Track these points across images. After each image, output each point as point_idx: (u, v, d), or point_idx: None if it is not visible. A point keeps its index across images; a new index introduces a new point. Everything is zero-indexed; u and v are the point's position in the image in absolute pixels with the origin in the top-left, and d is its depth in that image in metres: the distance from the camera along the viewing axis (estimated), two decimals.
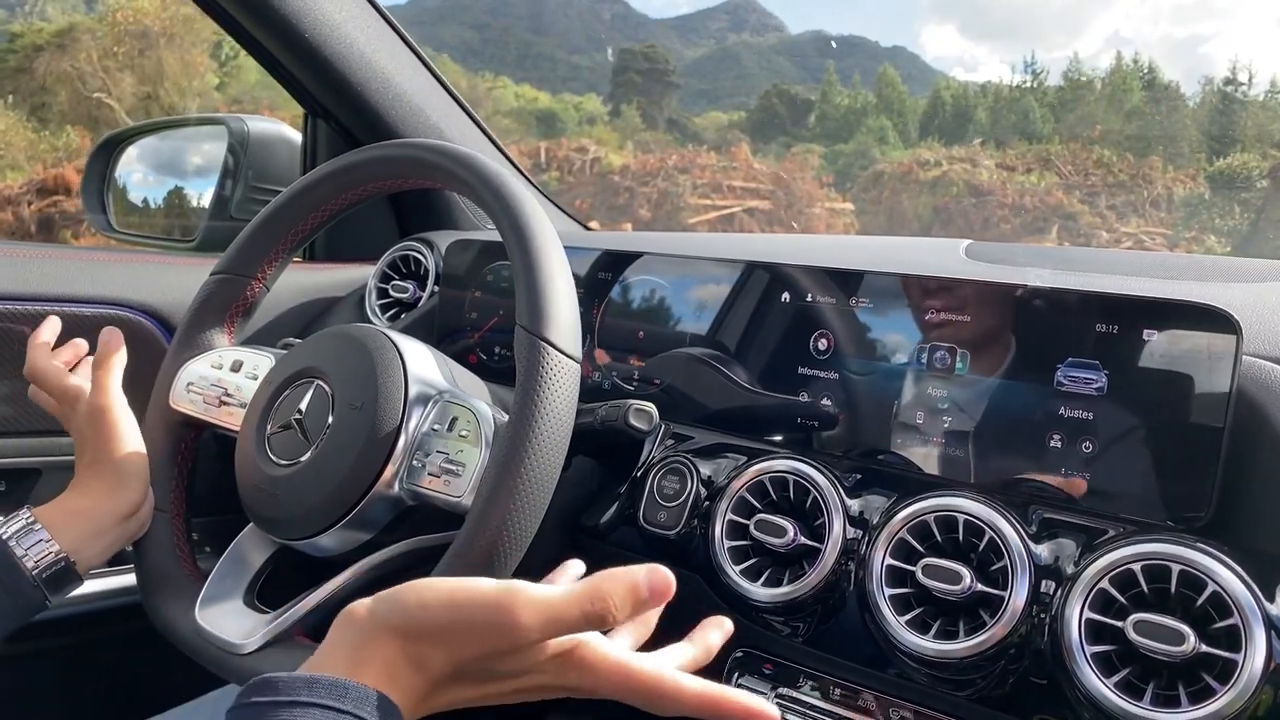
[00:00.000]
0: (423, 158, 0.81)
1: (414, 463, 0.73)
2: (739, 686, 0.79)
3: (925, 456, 0.77)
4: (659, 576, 0.51)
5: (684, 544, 0.81)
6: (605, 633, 0.56)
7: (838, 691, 0.76)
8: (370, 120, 1.20)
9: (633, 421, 0.80)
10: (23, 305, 0.99)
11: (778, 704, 0.77)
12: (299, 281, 1.28)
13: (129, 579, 1.07)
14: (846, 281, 0.84)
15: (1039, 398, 0.73)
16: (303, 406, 0.78)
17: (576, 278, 1.01)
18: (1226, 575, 0.60)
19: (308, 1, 1.08)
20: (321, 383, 0.79)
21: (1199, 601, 0.61)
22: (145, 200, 1.53)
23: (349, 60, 1.14)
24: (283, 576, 0.83)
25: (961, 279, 0.78)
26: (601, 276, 1.00)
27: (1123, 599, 0.63)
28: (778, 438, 0.85)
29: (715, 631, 0.63)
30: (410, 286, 1.20)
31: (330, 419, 0.76)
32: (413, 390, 0.75)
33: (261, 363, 0.87)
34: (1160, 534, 0.64)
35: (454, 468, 0.71)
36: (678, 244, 1.26)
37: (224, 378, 0.87)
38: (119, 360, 0.85)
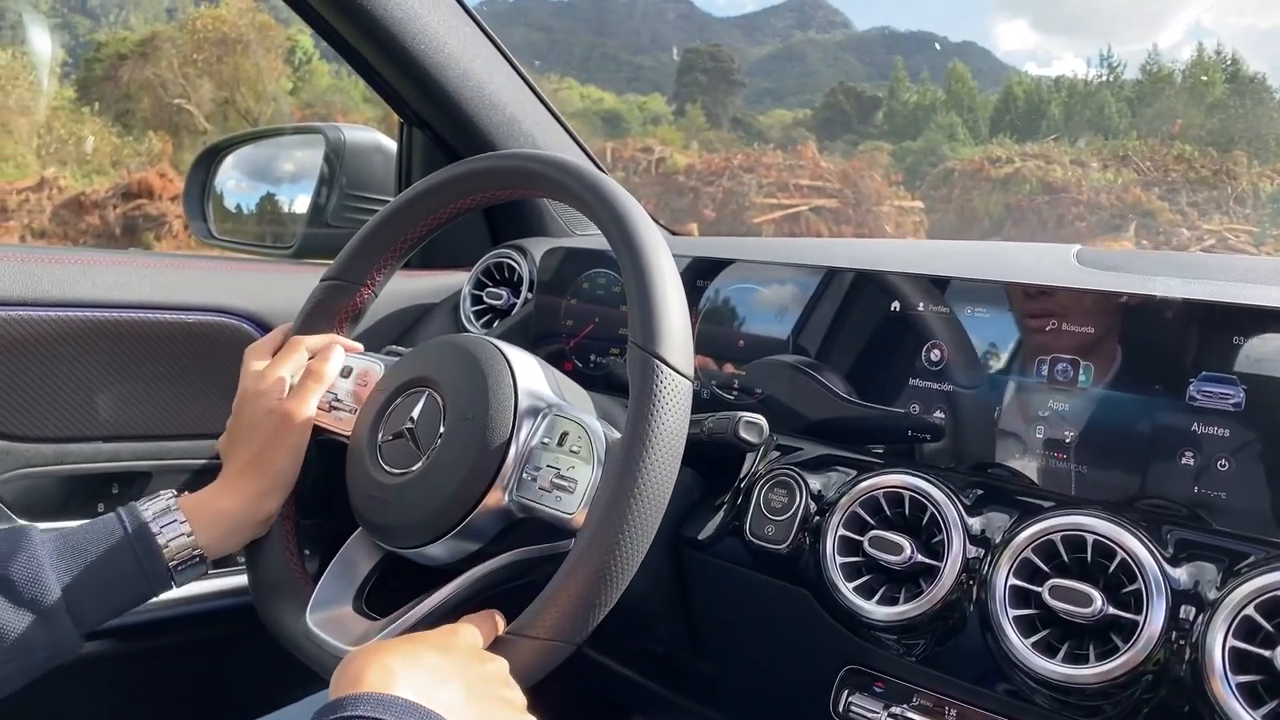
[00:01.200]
0: (531, 169, 0.81)
1: (524, 475, 0.73)
2: (849, 705, 0.78)
3: (1046, 472, 0.74)
4: None
5: (793, 559, 0.80)
6: None
7: (953, 712, 0.74)
8: (465, 129, 1.21)
9: (743, 434, 0.79)
10: (129, 314, 1.02)
11: None
12: (394, 288, 1.29)
13: (236, 580, 1.10)
14: (958, 290, 0.82)
15: (1170, 413, 0.70)
16: (415, 416, 0.78)
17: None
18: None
19: (409, 11, 1.09)
20: (433, 392, 0.79)
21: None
22: (239, 207, 1.56)
23: (446, 70, 1.14)
24: (389, 583, 0.83)
25: (1083, 289, 0.75)
26: (696, 284, 0.99)
27: (1269, 626, 0.60)
28: (886, 450, 0.83)
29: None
30: (504, 293, 1.21)
31: (442, 429, 0.77)
32: (523, 403, 0.75)
33: (370, 369, 0.88)
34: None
35: (565, 483, 0.71)
36: (765, 250, 1.24)
37: (336, 383, 0.88)
38: (332, 375, 0.86)
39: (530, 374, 0.78)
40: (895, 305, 0.85)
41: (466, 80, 1.17)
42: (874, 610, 0.74)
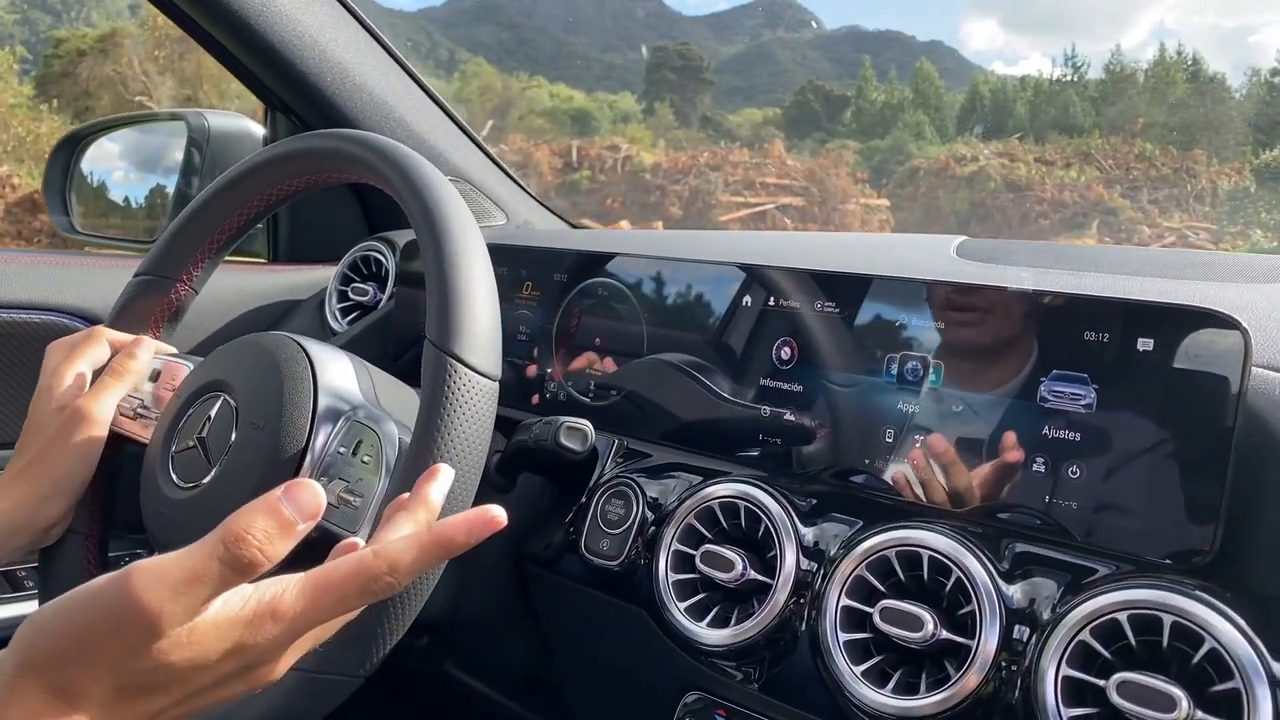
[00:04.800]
0: (341, 148, 0.74)
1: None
2: None
3: (893, 481, 0.68)
4: (300, 490, 0.45)
5: (628, 576, 0.74)
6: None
7: None
8: (327, 113, 1.14)
9: (563, 441, 0.72)
10: None
11: None
12: (260, 284, 1.22)
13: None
14: (812, 284, 0.76)
15: (1021, 415, 0.64)
16: (205, 424, 0.71)
17: (536, 280, 0.95)
18: (1227, 631, 0.51)
19: None
20: (227, 397, 0.72)
21: (1195, 659, 0.52)
22: (128, 199, 1.48)
23: (299, 48, 1.07)
24: None
25: (932, 280, 0.69)
26: (559, 278, 0.92)
27: (1107, 653, 0.54)
28: (743, 455, 0.77)
29: (432, 484, 0.52)
30: (370, 289, 1.13)
31: (233, 438, 0.69)
32: (322, 405, 0.68)
33: (181, 372, 0.80)
34: (1153, 576, 0.55)
35: (351, 498, 0.64)
36: (661, 243, 1.18)
37: (141, 387, 0.81)
38: (136, 373, 0.78)
39: (337, 374, 0.71)
40: (748, 299, 0.79)
41: (324, 59, 1.10)
42: (704, 633, 0.67)
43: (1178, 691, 0.50)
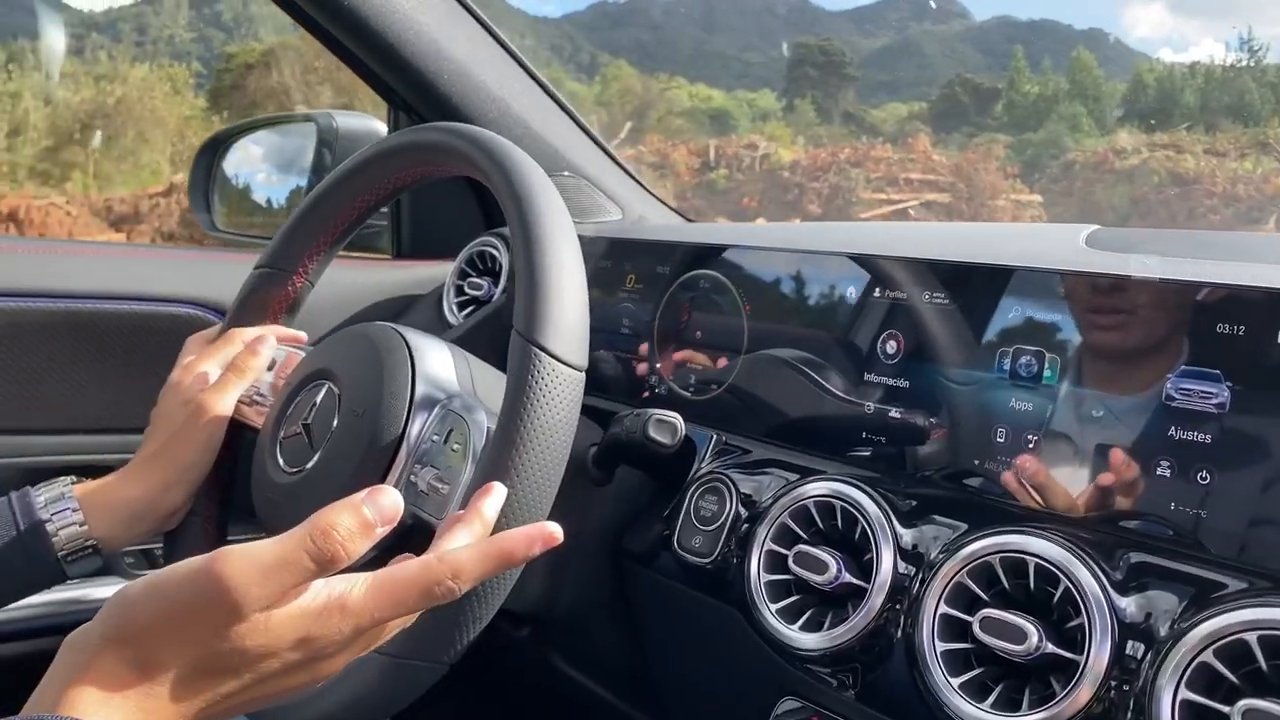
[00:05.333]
0: (442, 141, 0.75)
1: (411, 477, 0.67)
2: None
3: (1003, 483, 0.64)
4: (381, 495, 0.47)
5: (720, 574, 0.72)
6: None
7: None
8: (445, 110, 1.16)
9: (652, 434, 0.71)
10: (90, 304, 1.00)
11: None
12: (383, 278, 1.26)
13: None
14: (918, 273, 0.72)
15: (1144, 414, 0.59)
16: (311, 410, 0.73)
17: (639, 273, 0.94)
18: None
19: None
20: (331, 385, 0.74)
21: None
22: (268, 199, 1.55)
23: (417, 46, 1.09)
24: None
25: (1045, 269, 0.65)
26: (661, 271, 0.91)
27: (1233, 677, 0.49)
28: (844, 453, 0.74)
29: (487, 500, 0.53)
30: (485, 283, 1.15)
31: (334, 424, 0.71)
32: (419, 393, 0.69)
33: (293, 359, 0.83)
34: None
35: (440, 485, 0.64)
36: (774, 236, 1.15)
37: (261, 376, 0.84)
38: (257, 369, 0.82)
39: (436, 363, 0.72)
40: (852, 291, 0.76)
41: (442, 58, 1.12)
42: (797, 637, 0.65)
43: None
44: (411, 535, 0.69)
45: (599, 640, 0.87)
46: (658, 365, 0.89)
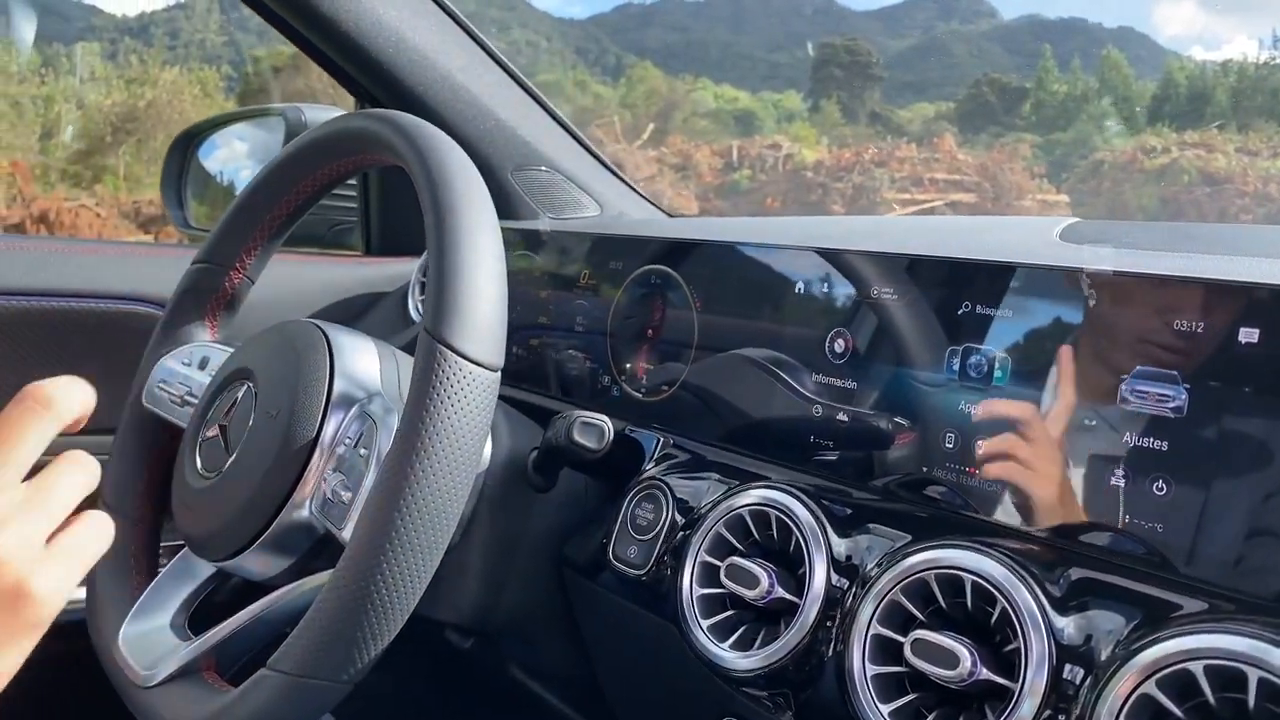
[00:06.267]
0: (367, 128, 0.71)
1: (323, 484, 0.63)
2: None
3: (950, 490, 0.60)
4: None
5: (654, 586, 0.67)
6: None
7: None
8: (410, 104, 1.12)
9: (577, 438, 0.67)
10: (35, 301, 0.97)
11: None
12: (349, 276, 1.23)
13: None
14: (870, 268, 0.67)
15: (1098, 419, 0.54)
16: (230, 411, 0.70)
17: (593, 269, 0.90)
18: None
19: None
20: (250, 384, 0.70)
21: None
22: (211, 194, 1.51)
23: (376, 38, 1.06)
24: (229, 601, 0.75)
25: (999, 262, 0.60)
26: (614, 267, 0.87)
27: (1178, 711, 0.44)
28: (791, 458, 0.69)
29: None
30: None
31: (250, 425, 0.68)
32: (337, 393, 0.66)
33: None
34: (1245, 619, 0.45)
35: (343, 493, 0.61)
36: (751, 230, 1.11)
37: (190, 375, 0.81)
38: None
39: (358, 361, 0.68)
40: (801, 287, 0.71)
41: (404, 50, 1.09)
42: (728, 657, 0.61)
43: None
44: (324, 548, 0.66)
45: (545, 651, 0.83)
46: (610, 365, 0.85)
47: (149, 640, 0.70)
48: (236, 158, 1.38)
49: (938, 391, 0.62)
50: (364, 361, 0.69)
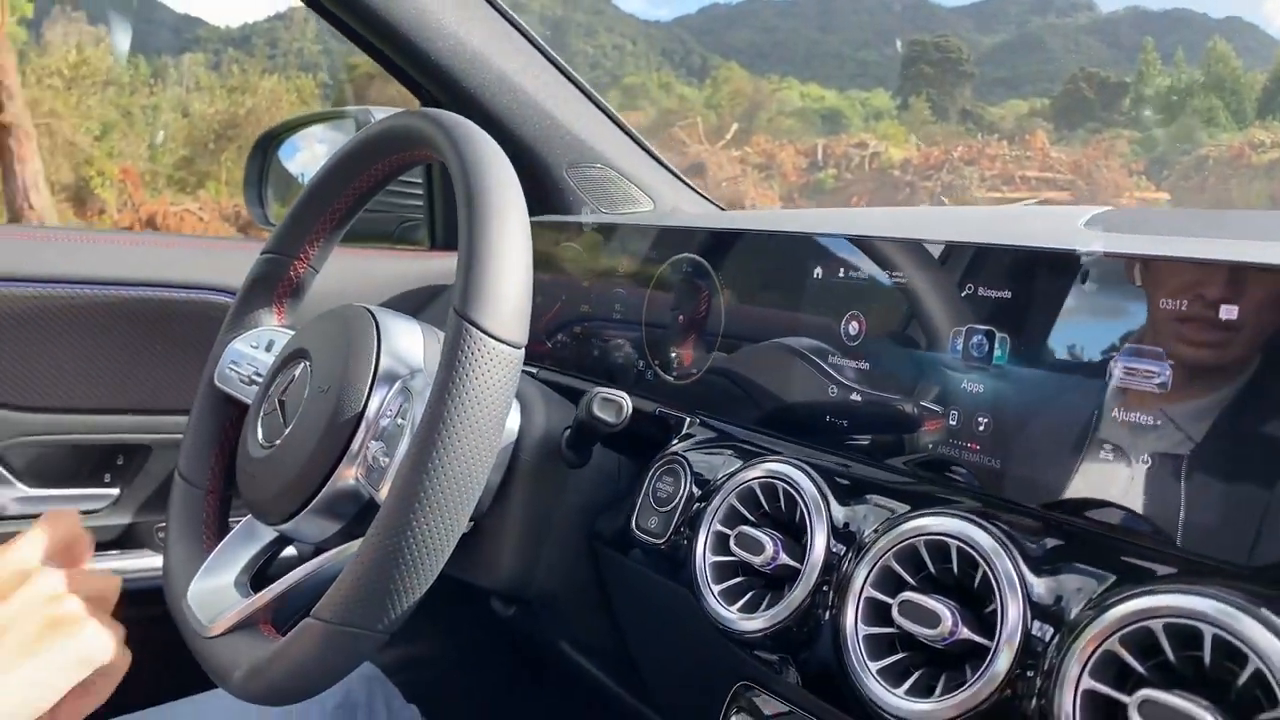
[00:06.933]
0: (411, 125, 0.76)
1: (367, 451, 0.69)
2: None
3: (956, 465, 0.62)
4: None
5: (671, 555, 0.71)
6: None
7: None
8: (467, 105, 1.18)
9: (596, 412, 0.71)
10: (126, 290, 1.06)
11: None
12: (414, 269, 1.29)
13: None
14: (881, 253, 0.70)
15: (1091, 394, 0.56)
16: (287, 387, 0.76)
17: (632, 258, 0.94)
18: (1273, 647, 0.42)
19: None
20: (307, 363, 0.76)
21: (1241, 681, 0.43)
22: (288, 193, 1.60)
23: (435, 42, 1.12)
24: (290, 566, 0.82)
25: (999, 245, 0.63)
26: (650, 255, 0.91)
27: (1141, 668, 0.46)
28: (809, 435, 0.72)
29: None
30: None
31: (304, 400, 0.74)
32: (382, 369, 0.71)
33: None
34: (1206, 581, 0.47)
35: (382, 459, 0.66)
36: (791, 221, 1.14)
37: (258, 357, 0.87)
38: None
39: (403, 340, 0.74)
40: (818, 272, 0.74)
41: (462, 53, 1.14)
42: (734, 618, 0.64)
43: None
44: (369, 514, 0.71)
45: (579, 622, 0.87)
46: (645, 350, 0.89)
47: (214, 596, 0.77)
48: (315, 159, 1.46)
49: (941, 370, 0.64)
50: (408, 341, 0.74)
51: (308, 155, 1.45)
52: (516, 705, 1.33)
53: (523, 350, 0.63)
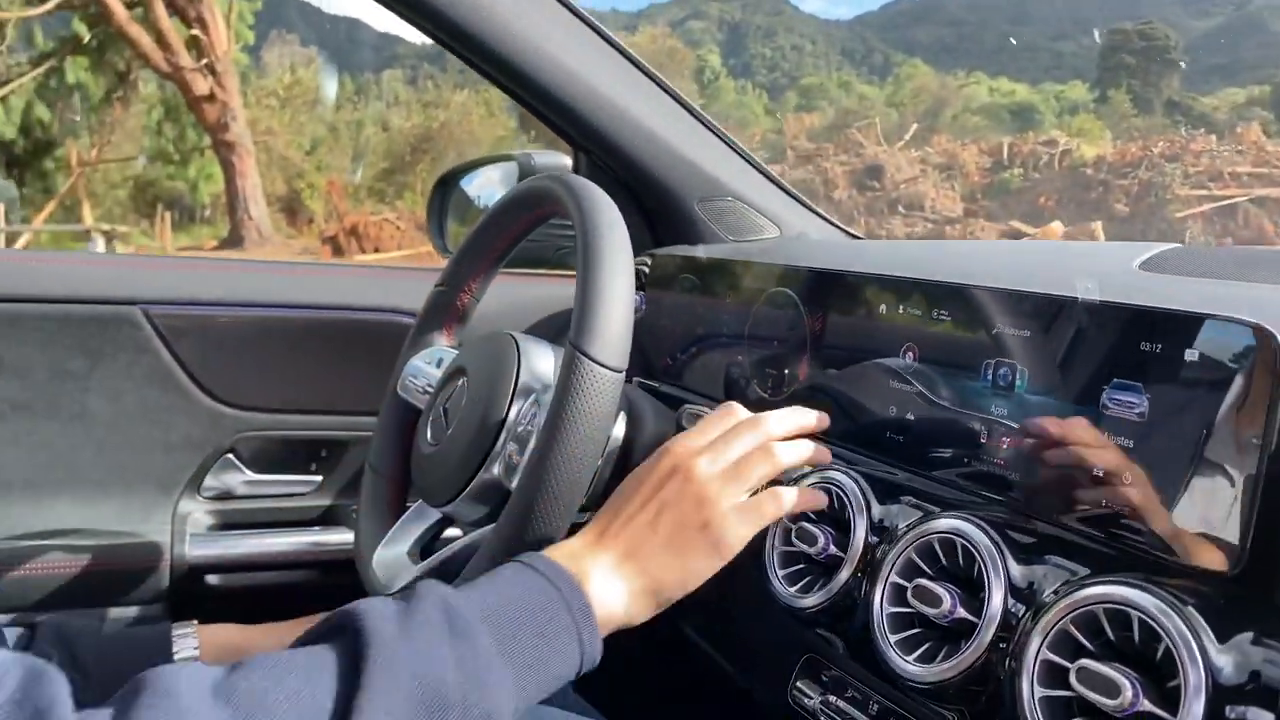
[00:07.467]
0: (543, 187, 0.94)
1: (507, 452, 0.87)
2: (794, 689, 0.82)
3: (984, 479, 0.73)
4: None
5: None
6: None
7: (874, 706, 0.76)
8: (605, 146, 1.35)
9: (683, 424, 0.86)
10: (327, 313, 1.29)
11: None
12: (561, 294, 1.47)
13: None
14: (929, 293, 0.82)
15: (1085, 422, 0.67)
16: (450, 398, 0.95)
17: (737, 289, 1.08)
18: (1175, 626, 0.53)
19: (522, 40, 1.24)
20: (465, 379, 0.95)
21: (1159, 654, 0.54)
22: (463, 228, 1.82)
23: (573, 90, 1.28)
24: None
25: (1016, 290, 0.73)
26: (751, 287, 1.05)
27: (1089, 644, 0.58)
28: (874, 451, 0.85)
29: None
30: (638, 297, 1.33)
31: (462, 408, 0.92)
32: (521, 384, 0.88)
33: None
34: (1144, 574, 0.57)
35: (518, 457, 0.84)
36: (902, 257, 1.24)
37: (431, 371, 1.07)
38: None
39: (539, 362, 0.91)
40: (883, 308, 0.87)
41: (596, 100, 1.29)
42: (794, 599, 0.78)
43: (1124, 680, 0.53)
44: (507, 499, 0.89)
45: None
46: (746, 368, 1.03)
47: (392, 563, 0.97)
48: (489, 183, 1.67)
49: (974, 396, 0.75)
50: (543, 363, 0.91)
51: (484, 179, 1.67)
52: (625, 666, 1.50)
53: (623, 373, 0.79)
